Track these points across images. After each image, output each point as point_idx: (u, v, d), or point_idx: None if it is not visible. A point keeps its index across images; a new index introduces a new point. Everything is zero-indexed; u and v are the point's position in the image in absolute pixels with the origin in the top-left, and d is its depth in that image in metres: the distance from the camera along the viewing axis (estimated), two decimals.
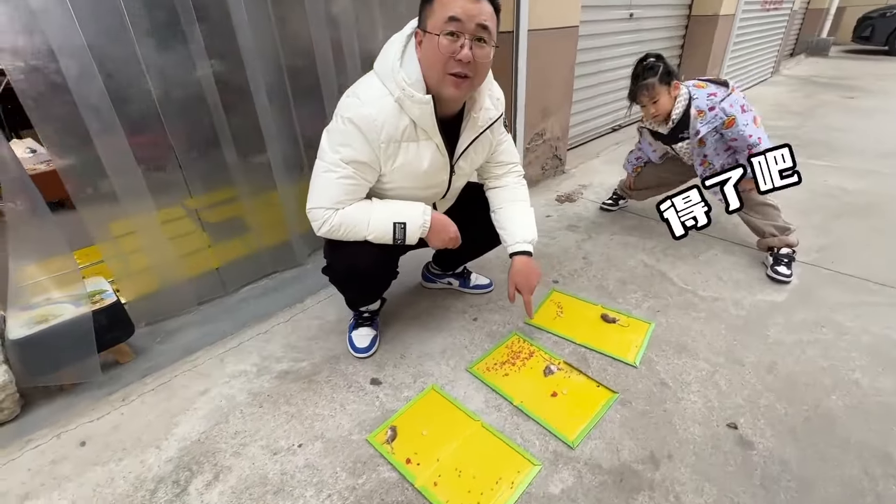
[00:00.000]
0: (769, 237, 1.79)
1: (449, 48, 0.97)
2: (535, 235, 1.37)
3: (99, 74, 1.28)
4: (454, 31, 0.96)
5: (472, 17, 0.96)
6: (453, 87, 1.02)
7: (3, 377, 1.20)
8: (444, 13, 0.95)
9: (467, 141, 1.18)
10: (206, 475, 1.08)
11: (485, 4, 0.97)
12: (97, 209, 1.43)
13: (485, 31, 0.99)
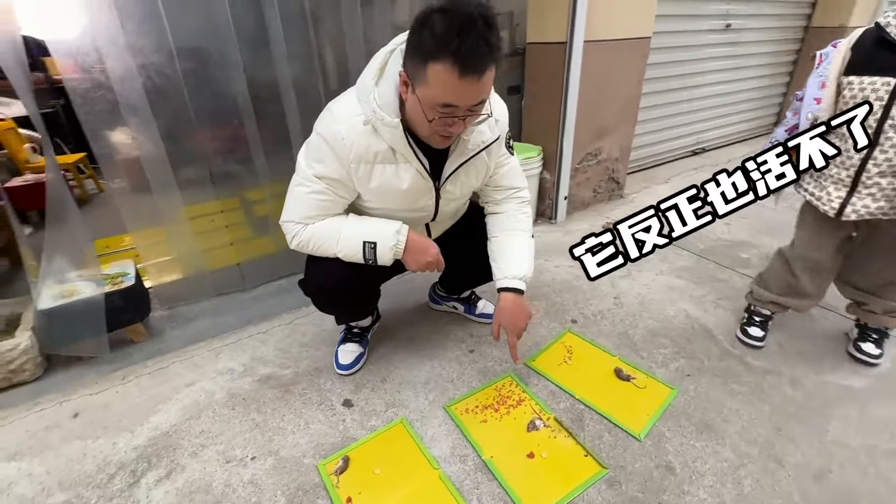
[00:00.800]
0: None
1: (441, 124, 0.90)
2: (530, 271, 1.22)
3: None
4: (449, 113, 0.88)
5: (470, 100, 0.87)
6: (441, 141, 0.98)
7: (27, 342, 1.34)
8: (437, 95, 0.85)
9: (455, 164, 1.08)
10: (160, 471, 1.10)
11: (486, 79, 0.85)
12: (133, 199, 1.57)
13: (480, 104, 0.90)
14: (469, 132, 1.04)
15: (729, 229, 2.28)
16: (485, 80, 0.85)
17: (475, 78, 0.83)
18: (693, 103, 3.31)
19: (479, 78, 0.83)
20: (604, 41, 2.09)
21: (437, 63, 0.81)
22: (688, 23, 2.89)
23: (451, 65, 0.80)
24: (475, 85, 0.84)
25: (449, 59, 0.80)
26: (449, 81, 0.82)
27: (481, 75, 0.83)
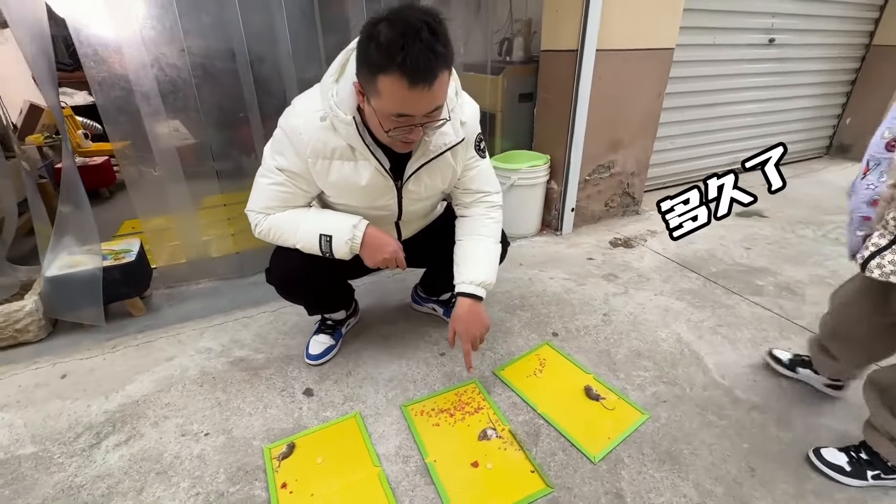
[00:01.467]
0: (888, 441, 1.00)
1: (398, 133, 0.91)
2: (490, 278, 1.18)
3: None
4: (404, 123, 0.88)
5: (424, 109, 0.87)
6: (403, 147, 0.98)
7: (31, 305, 1.46)
8: (389, 107, 0.85)
9: (416, 165, 1.07)
10: (121, 436, 1.16)
11: (438, 87, 0.84)
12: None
13: (436, 110, 0.90)
14: (431, 133, 1.03)
15: (748, 254, 2.12)
16: (436, 87, 0.84)
17: (425, 87, 0.82)
18: (730, 121, 3.13)
19: (430, 87, 0.82)
20: (619, 51, 2.03)
21: (385, 76, 0.81)
22: (725, 36, 2.75)
23: (399, 77, 0.80)
24: (426, 94, 0.83)
25: (396, 72, 0.79)
26: (399, 93, 0.82)
27: (431, 84, 0.82)
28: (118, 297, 1.60)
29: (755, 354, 1.45)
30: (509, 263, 2.04)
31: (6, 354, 1.46)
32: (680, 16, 2.13)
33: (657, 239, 2.28)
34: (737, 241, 2.26)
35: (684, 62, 2.63)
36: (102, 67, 1.46)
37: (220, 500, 1.00)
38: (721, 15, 2.65)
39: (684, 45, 2.53)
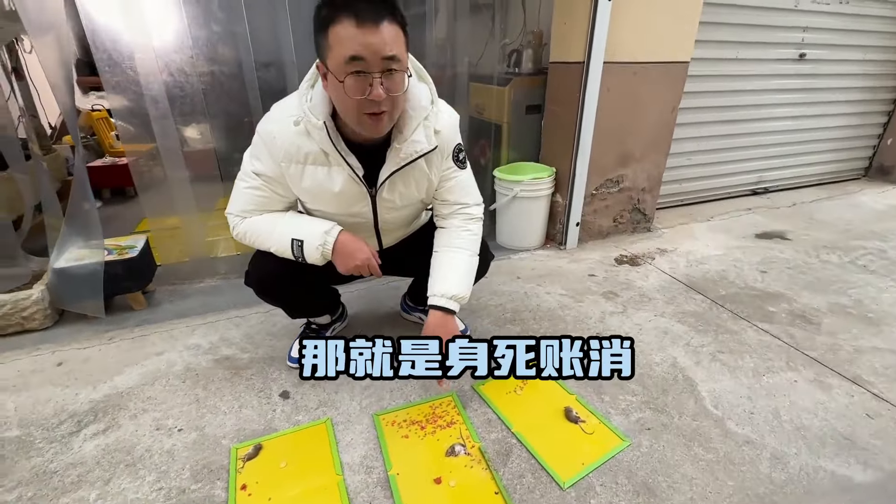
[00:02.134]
0: None
1: (357, 89, 0.87)
2: (462, 291, 1.16)
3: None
4: (359, 70, 0.86)
5: (377, 51, 0.85)
6: (372, 125, 0.95)
7: (38, 295, 1.53)
8: (343, 52, 0.84)
9: (388, 171, 1.07)
10: (100, 425, 1.19)
11: (387, 29, 0.85)
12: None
13: (393, 60, 0.88)
14: (402, 140, 1.03)
15: (763, 277, 2.01)
16: (384, 30, 0.84)
17: (372, 27, 0.83)
18: (755, 138, 3.00)
19: (377, 26, 0.83)
20: (629, 63, 1.98)
21: (335, 25, 0.84)
22: (750, 50, 2.65)
23: (346, 20, 0.83)
24: (375, 34, 0.83)
25: (343, 17, 0.83)
26: (348, 35, 0.83)
27: (377, 24, 0.83)
28: (120, 290, 1.66)
29: (756, 385, 1.36)
30: (505, 276, 2.00)
31: (12, 340, 1.53)
32: (696, 29, 2.07)
33: (666, 258, 2.19)
34: (753, 264, 2.14)
35: (703, 76, 2.55)
36: (116, 71, 1.54)
37: (181, 497, 1.01)
38: (745, 29, 2.56)
39: (703, 58, 2.47)
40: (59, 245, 1.57)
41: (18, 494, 1.01)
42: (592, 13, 1.80)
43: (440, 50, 2.10)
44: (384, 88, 0.89)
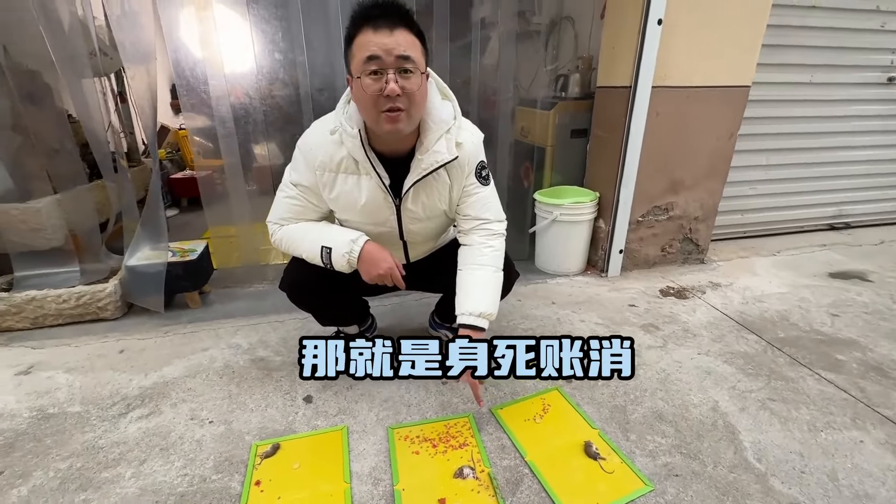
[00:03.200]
0: None
1: (374, 87, 0.95)
2: (489, 308, 1.16)
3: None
4: (376, 70, 0.94)
5: (390, 50, 0.93)
6: (389, 123, 1.00)
7: (111, 288, 1.73)
8: (362, 54, 0.94)
9: (412, 180, 1.11)
10: (144, 410, 1.31)
11: (401, 35, 0.94)
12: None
13: (407, 61, 0.95)
14: (424, 151, 1.07)
15: (833, 322, 1.80)
16: (398, 35, 0.93)
17: (387, 32, 0.92)
18: (835, 168, 2.74)
19: (391, 31, 0.93)
20: (681, 88, 1.91)
21: (358, 35, 0.95)
22: (826, 74, 2.45)
23: (364, 28, 0.94)
24: (389, 37, 0.93)
25: (362, 26, 0.94)
26: (366, 40, 0.93)
27: (392, 29, 0.93)
28: (179, 289, 1.83)
29: (811, 441, 1.21)
30: (540, 300, 1.96)
31: (87, 327, 1.74)
32: (758, 52, 1.96)
33: (718, 293, 2.04)
34: (822, 306, 1.93)
35: (770, 101, 2.39)
36: (192, 94, 1.74)
37: (202, 485, 1.07)
38: (820, 51, 2.38)
39: (770, 82, 2.32)
40: (133, 245, 1.77)
41: (70, 464, 1.12)
42: (641, 36, 1.77)
43: (491, 75, 2.15)
44: (399, 85, 0.95)
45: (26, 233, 1.74)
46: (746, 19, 1.88)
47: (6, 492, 1.05)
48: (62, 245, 1.81)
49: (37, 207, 1.73)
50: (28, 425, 1.25)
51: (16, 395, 1.37)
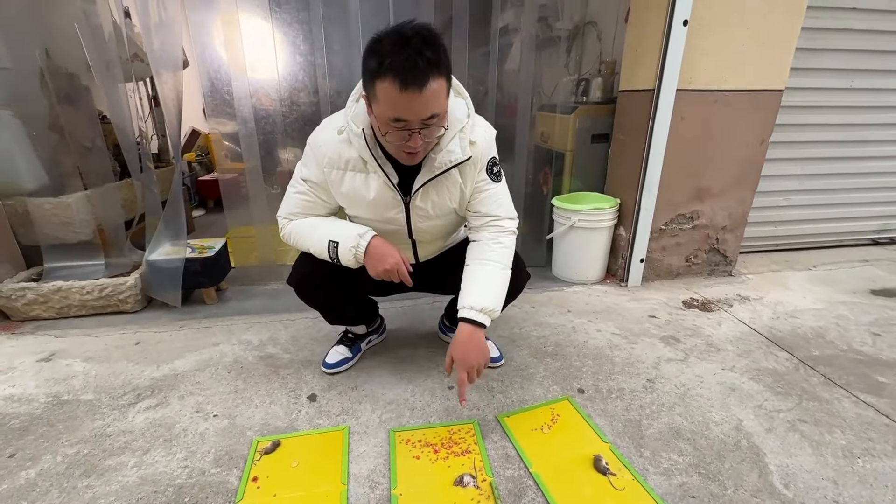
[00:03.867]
0: None
1: (397, 137, 0.95)
2: (493, 305, 1.12)
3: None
4: (401, 127, 0.92)
5: (418, 114, 0.90)
6: (409, 158, 1.02)
7: (132, 282, 1.78)
8: (386, 111, 0.90)
9: (422, 180, 1.10)
10: (153, 401, 1.33)
11: (430, 90, 0.87)
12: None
13: (432, 118, 0.93)
14: (438, 150, 1.05)
15: (875, 341, 1.67)
16: (427, 93, 0.87)
17: (416, 91, 0.86)
18: (878, 179, 2.57)
19: (421, 90, 0.86)
20: (708, 91, 1.84)
21: (381, 81, 0.88)
22: (867, 79, 2.31)
23: (391, 80, 0.86)
24: (418, 97, 0.87)
25: (389, 76, 0.86)
26: (392, 96, 0.88)
27: (422, 87, 0.86)
28: (196, 285, 1.87)
29: (847, 468, 1.11)
30: (555, 308, 1.90)
31: (108, 318, 1.79)
32: (791, 54, 1.87)
33: (747, 306, 1.92)
34: (863, 324, 1.79)
35: (806, 108, 2.28)
36: (216, 95, 1.79)
37: (200, 478, 1.07)
38: (861, 55, 2.25)
39: (806, 87, 2.22)
40: (154, 241, 1.82)
41: (77, 450, 1.14)
42: (665, 38, 1.71)
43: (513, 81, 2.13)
44: (421, 137, 0.94)
45: (57, 226, 1.82)
46: (779, 21, 1.80)
47: (16, 473, 1.07)
48: (90, 239, 1.88)
49: (68, 202, 1.81)
50: (43, 410, 1.28)
51: (35, 381, 1.41)
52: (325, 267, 1.21)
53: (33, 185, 1.83)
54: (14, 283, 1.73)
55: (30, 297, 1.72)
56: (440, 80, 0.89)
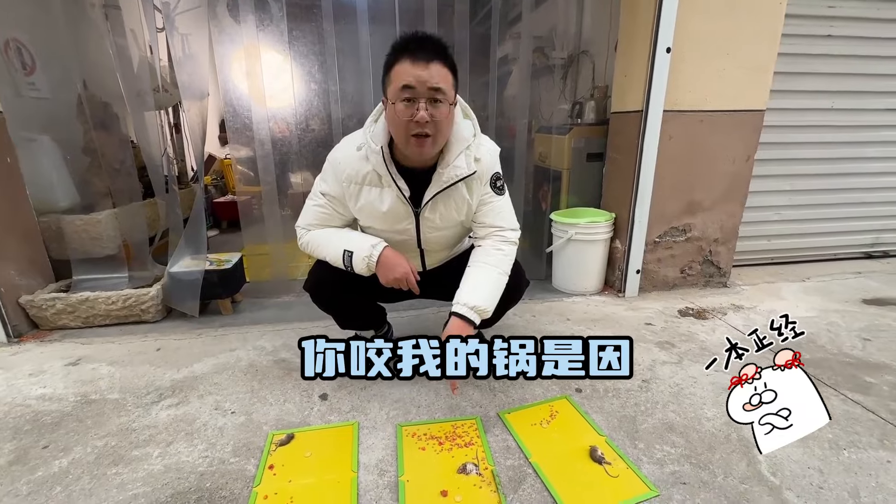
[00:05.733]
0: None
1: (406, 112, 1.07)
2: (484, 304, 1.22)
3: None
4: (409, 98, 1.06)
5: (424, 81, 1.04)
6: (417, 146, 1.12)
7: (154, 292, 1.89)
8: (398, 82, 1.05)
9: (432, 192, 1.21)
10: (174, 399, 1.41)
11: (435, 68, 1.04)
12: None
13: (438, 92, 1.06)
14: (445, 166, 1.17)
15: (864, 346, 1.73)
16: (432, 68, 1.03)
17: (423, 65, 1.03)
18: (868, 194, 2.67)
19: (427, 65, 1.03)
20: (692, 112, 1.97)
21: (396, 64, 1.06)
22: (849, 100, 2.45)
23: (403, 59, 1.04)
24: (425, 69, 1.03)
25: (401, 56, 1.05)
26: (404, 70, 1.04)
27: (428, 62, 1.03)
28: (213, 296, 1.97)
29: (833, 458, 1.16)
30: (555, 316, 1.98)
31: (131, 328, 1.89)
32: (769, 77, 2.00)
33: (741, 314, 1.99)
34: (854, 330, 1.85)
35: (790, 127, 2.41)
36: (237, 119, 1.95)
37: (220, 466, 1.14)
38: (841, 78, 2.40)
39: (789, 108, 2.35)
40: (175, 255, 1.94)
41: (105, 442, 1.22)
42: (650, 64, 1.86)
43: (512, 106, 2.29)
44: (428, 113, 1.06)
45: (87, 241, 1.95)
46: (756, 47, 1.94)
47: (49, 462, 1.15)
48: (116, 253, 2.00)
49: (98, 219, 1.94)
50: (73, 408, 1.37)
51: (64, 383, 1.50)
52: (338, 274, 1.31)
53: (67, 203, 1.97)
54: (45, 293, 1.84)
55: (59, 307, 1.83)
56: (445, 67, 1.05)
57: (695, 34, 1.86)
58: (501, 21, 2.18)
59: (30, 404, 1.39)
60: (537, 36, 2.53)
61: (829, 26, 2.28)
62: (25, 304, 1.80)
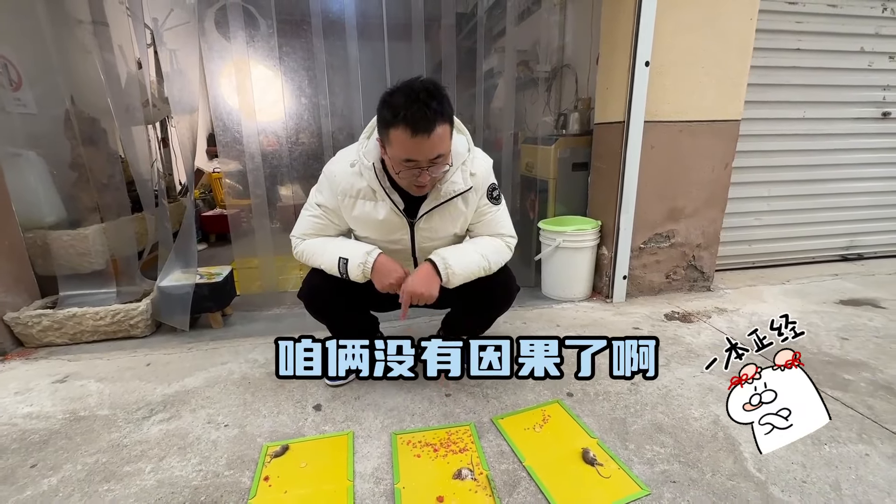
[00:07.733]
0: None
1: (408, 174, 1.12)
2: (455, 265, 1.25)
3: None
4: (412, 166, 1.09)
5: (426, 155, 1.08)
6: (418, 191, 1.18)
7: (143, 307, 1.88)
8: (399, 153, 1.08)
9: (428, 207, 1.25)
10: (166, 414, 1.40)
11: (436, 134, 1.05)
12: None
13: (439, 157, 1.10)
14: (443, 181, 1.21)
15: (842, 345, 1.79)
16: (434, 137, 1.05)
17: (424, 136, 1.04)
18: (842, 199, 2.78)
19: (428, 136, 1.04)
20: (671, 122, 2.05)
21: (394, 129, 1.05)
22: (819, 110, 2.56)
23: (403, 129, 1.04)
24: (426, 141, 1.05)
25: (401, 125, 1.04)
26: (404, 141, 1.05)
27: (429, 134, 1.04)
28: (204, 309, 1.96)
29: (815, 453, 1.20)
30: (545, 323, 2.01)
31: (120, 343, 1.87)
32: (743, 89, 2.09)
33: (725, 317, 2.05)
34: (832, 330, 1.92)
35: (765, 136, 2.51)
36: (227, 133, 1.96)
37: (214, 480, 1.14)
38: (811, 89, 2.51)
39: (763, 118, 2.45)
40: (165, 269, 1.93)
41: (96, 459, 1.21)
42: (631, 77, 1.93)
43: (498, 118, 2.35)
44: (429, 174, 1.11)
45: (73, 257, 1.93)
46: (730, 60, 2.03)
47: (38, 481, 1.13)
48: (103, 268, 1.99)
49: (85, 234, 1.93)
50: (61, 425, 1.35)
51: (52, 400, 1.48)
52: (332, 282, 1.33)
53: (53, 218, 1.95)
54: (30, 310, 1.82)
55: (45, 324, 1.80)
56: (444, 125, 1.06)
57: (672, 48, 1.95)
58: (487, 35, 2.25)
59: (16, 423, 1.36)
60: (521, 50, 2.61)
61: (798, 40, 2.40)
62: (10, 322, 1.77)
